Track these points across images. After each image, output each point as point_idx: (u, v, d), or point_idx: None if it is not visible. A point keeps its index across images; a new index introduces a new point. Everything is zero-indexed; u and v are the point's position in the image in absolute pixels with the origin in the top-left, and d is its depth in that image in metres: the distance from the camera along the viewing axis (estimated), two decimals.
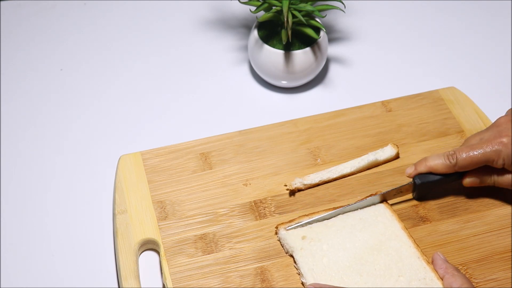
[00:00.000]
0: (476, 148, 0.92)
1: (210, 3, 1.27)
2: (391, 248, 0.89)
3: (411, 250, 0.89)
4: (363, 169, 1.00)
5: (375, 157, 0.99)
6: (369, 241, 0.90)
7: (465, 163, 0.92)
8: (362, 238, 0.90)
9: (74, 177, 1.03)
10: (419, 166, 0.95)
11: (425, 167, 0.94)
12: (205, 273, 0.90)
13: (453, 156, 0.93)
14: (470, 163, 0.92)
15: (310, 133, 1.04)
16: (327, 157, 1.01)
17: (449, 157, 0.93)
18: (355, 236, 0.91)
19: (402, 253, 0.89)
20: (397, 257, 0.89)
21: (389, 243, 0.90)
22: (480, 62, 1.19)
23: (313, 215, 0.93)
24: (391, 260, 0.88)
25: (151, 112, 1.12)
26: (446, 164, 0.93)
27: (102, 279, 0.93)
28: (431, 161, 0.94)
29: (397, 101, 1.08)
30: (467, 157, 0.92)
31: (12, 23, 1.25)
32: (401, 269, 0.88)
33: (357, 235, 0.91)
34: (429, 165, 0.94)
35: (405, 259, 0.88)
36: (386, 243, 0.90)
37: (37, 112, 1.11)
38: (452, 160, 0.93)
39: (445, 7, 1.28)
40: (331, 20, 1.24)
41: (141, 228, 0.94)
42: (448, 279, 0.86)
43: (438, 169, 0.94)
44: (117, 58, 1.20)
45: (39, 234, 0.97)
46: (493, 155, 0.91)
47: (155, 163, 1.00)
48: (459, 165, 0.93)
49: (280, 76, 1.10)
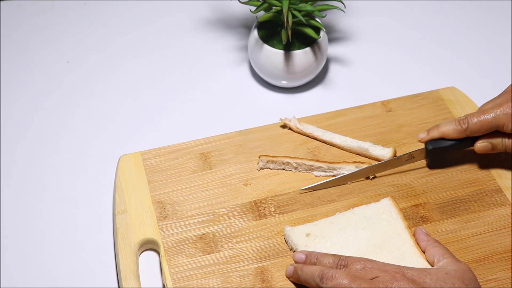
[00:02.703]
0: (487, 113, 0.94)
1: (210, 3, 1.27)
2: (394, 246, 0.89)
3: (413, 249, 0.89)
4: (352, 150, 1.01)
5: (368, 147, 1.00)
6: (372, 239, 0.90)
7: (476, 127, 0.94)
8: (366, 236, 0.90)
9: (74, 177, 1.03)
10: (431, 131, 0.97)
11: (437, 132, 0.97)
12: (205, 273, 0.90)
13: (464, 120, 0.95)
14: (481, 127, 0.94)
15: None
16: (327, 157, 1.01)
17: (460, 122, 0.95)
18: (359, 234, 0.91)
19: (405, 251, 0.89)
20: (399, 255, 0.89)
21: (392, 241, 0.90)
22: (480, 62, 1.19)
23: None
24: (393, 259, 0.88)
25: (151, 112, 1.12)
26: (457, 128, 0.95)
27: (102, 279, 0.93)
28: (443, 127, 0.96)
29: (397, 101, 1.08)
30: (478, 122, 0.94)
31: (12, 23, 1.25)
32: None
33: (361, 233, 0.91)
34: (441, 130, 0.96)
35: (408, 258, 0.88)
36: (389, 241, 0.90)
37: (37, 113, 1.11)
38: (463, 124, 0.95)
39: (445, 7, 1.28)
40: (331, 20, 1.24)
41: (141, 228, 0.94)
42: (430, 250, 0.87)
43: (450, 134, 0.96)
44: (117, 58, 1.20)
45: (39, 234, 0.97)
46: (504, 119, 0.93)
47: (155, 163, 1.00)
48: (470, 130, 0.95)
49: (280, 76, 1.10)
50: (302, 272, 0.86)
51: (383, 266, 0.83)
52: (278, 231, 0.93)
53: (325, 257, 0.86)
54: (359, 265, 0.84)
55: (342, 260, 0.85)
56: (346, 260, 0.85)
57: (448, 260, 0.85)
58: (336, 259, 0.85)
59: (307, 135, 1.03)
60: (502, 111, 0.93)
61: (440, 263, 0.85)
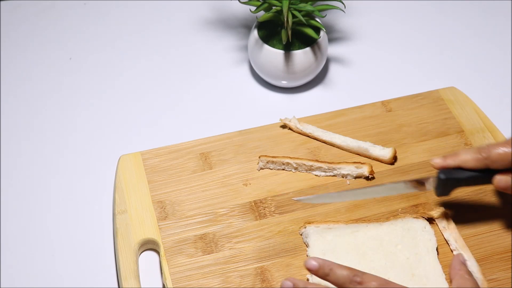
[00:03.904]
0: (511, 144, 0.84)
1: (210, 3, 1.27)
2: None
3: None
4: (352, 150, 1.01)
5: (368, 147, 1.00)
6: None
7: (498, 157, 0.84)
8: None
9: (74, 177, 1.03)
10: (448, 158, 0.87)
11: (455, 160, 0.86)
12: (205, 273, 0.90)
13: (485, 150, 0.85)
14: (503, 158, 0.84)
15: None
16: (327, 157, 1.01)
17: (480, 150, 0.85)
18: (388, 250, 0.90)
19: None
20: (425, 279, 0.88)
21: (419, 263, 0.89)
22: (480, 62, 1.19)
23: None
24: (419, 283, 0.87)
25: (151, 112, 1.12)
26: (476, 156, 0.85)
27: (102, 279, 0.93)
28: (462, 154, 0.86)
29: (397, 101, 1.08)
30: (501, 152, 0.84)
31: (12, 23, 1.25)
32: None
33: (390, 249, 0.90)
34: (459, 158, 0.86)
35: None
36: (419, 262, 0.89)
37: (37, 114, 1.11)
38: (483, 153, 0.85)
39: (445, 7, 1.28)
40: (331, 20, 1.24)
41: (141, 228, 0.94)
42: (458, 280, 0.82)
43: (468, 162, 0.86)
44: (117, 58, 1.20)
45: (40, 234, 0.97)
46: None
47: (155, 163, 1.00)
48: (491, 159, 0.84)
49: (280, 76, 1.10)
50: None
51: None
52: (278, 231, 0.93)
53: (340, 269, 0.79)
54: (375, 285, 0.77)
55: (357, 276, 0.78)
56: (361, 276, 0.78)
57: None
58: (351, 273, 0.78)
59: (307, 135, 1.03)
60: None
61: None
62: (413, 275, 0.87)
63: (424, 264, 0.88)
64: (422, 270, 0.87)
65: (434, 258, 0.88)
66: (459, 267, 0.84)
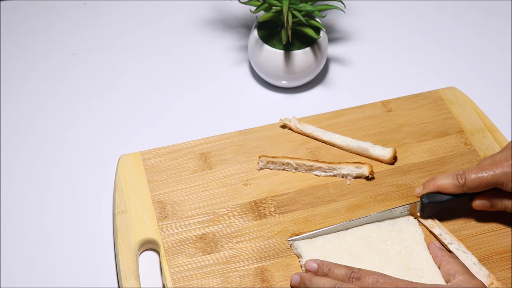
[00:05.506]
0: (486, 170, 0.89)
1: (210, 3, 1.27)
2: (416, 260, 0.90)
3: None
4: (352, 150, 1.01)
5: (368, 147, 1.00)
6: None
7: (473, 184, 0.89)
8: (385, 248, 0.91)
9: (74, 177, 1.03)
10: (427, 185, 0.93)
11: (433, 186, 0.92)
12: (205, 273, 0.90)
13: (462, 176, 0.90)
14: (479, 184, 0.89)
15: None
16: (327, 157, 1.01)
17: (457, 177, 0.90)
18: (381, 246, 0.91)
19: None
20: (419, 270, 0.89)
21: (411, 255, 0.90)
22: (480, 62, 1.19)
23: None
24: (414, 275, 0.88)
25: (151, 112, 1.12)
26: (454, 183, 0.90)
27: (102, 279, 0.93)
28: (440, 180, 0.91)
29: (397, 101, 1.08)
30: (476, 178, 0.89)
31: (12, 23, 1.25)
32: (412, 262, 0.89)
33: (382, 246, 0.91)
34: (438, 184, 0.91)
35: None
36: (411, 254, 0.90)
37: (37, 114, 1.11)
38: (460, 180, 0.90)
39: (445, 7, 1.28)
40: (331, 20, 1.24)
41: (141, 228, 0.94)
42: (445, 266, 0.86)
43: (446, 189, 0.91)
44: (117, 58, 1.20)
45: (40, 234, 0.97)
46: (503, 178, 0.88)
47: (155, 163, 1.00)
48: (468, 186, 0.90)
49: (280, 76, 1.10)
50: (310, 283, 0.85)
51: (396, 281, 0.82)
52: (278, 231, 0.93)
53: (338, 268, 0.85)
54: (371, 279, 0.83)
55: (355, 272, 0.84)
56: (359, 273, 0.84)
57: (463, 277, 0.83)
58: (349, 271, 0.84)
59: (307, 135, 1.03)
60: (501, 170, 0.88)
61: (455, 280, 0.84)
62: (409, 269, 0.88)
63: (417, 256, 0.89)
64: (416, 263, 0.89)
65: (424, 249, 0.90)
66: (440, 253, 0.88)
